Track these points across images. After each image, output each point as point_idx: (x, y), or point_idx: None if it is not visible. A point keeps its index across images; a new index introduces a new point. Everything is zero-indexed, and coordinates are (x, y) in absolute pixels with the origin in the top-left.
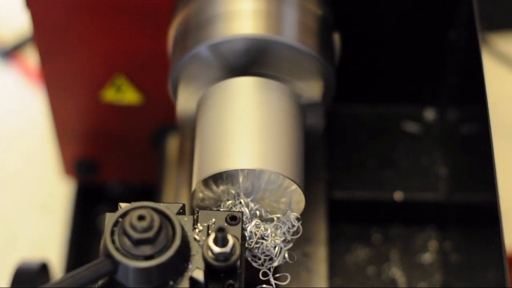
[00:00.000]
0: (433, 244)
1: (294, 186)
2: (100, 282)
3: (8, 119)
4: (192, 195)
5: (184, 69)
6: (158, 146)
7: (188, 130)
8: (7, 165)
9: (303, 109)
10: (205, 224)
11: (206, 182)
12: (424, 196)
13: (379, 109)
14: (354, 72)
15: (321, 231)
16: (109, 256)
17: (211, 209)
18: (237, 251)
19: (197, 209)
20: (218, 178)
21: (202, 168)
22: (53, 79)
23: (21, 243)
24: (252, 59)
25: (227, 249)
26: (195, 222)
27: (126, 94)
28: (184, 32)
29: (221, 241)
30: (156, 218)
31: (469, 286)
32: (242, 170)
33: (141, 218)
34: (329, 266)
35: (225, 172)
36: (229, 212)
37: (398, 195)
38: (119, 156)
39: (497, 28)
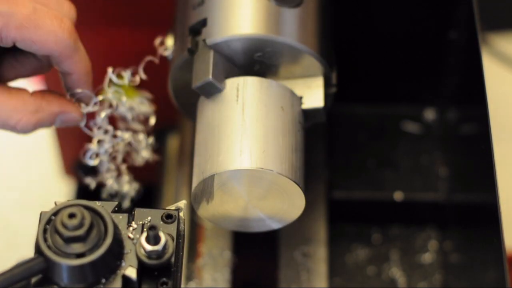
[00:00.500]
0: (433, 244)
1: (294, 186)
2: (33, 280)
3: None
4: (192, 195)
5: (184, 69)
6: (158, 146)
7: (188, 130)
8: (7, 165)
9: (303, 109)
10: (140, 222)
11: (206, 182)
12: (424, 196)
13: (379, 109)
14: (354, 72)
15: (321, 231)
16: (41, 254)
17: (148, 208)
18: (170, 249)
19: (135, 208)
20: (218, 179)
21: (202, 168)
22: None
23: (21, 242)
24: (252, 59)
25: (159, 247)
26: (131, 220)
27: (126, 94)
28: (184, 32)
29: (153, 239)
30: (87, 215)
31: (469, 286)
32: (242, 170)
33: (71, 216)
34: (329, 266)
35: (225, 172)
36: (165, 210)
37: (398, 195)
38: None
39: (497, 28)
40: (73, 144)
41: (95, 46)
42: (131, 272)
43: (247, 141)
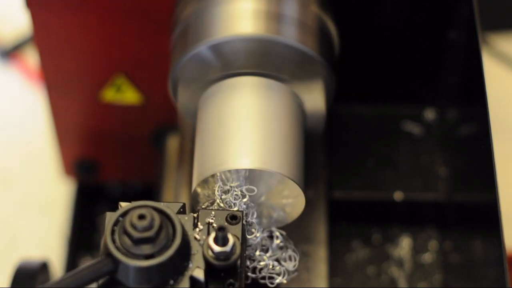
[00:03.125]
0: (433, 244)
1: (294, 186)
2: (100, 281)
3: (8, 119)
4: (192, 195)
5: (184, 69)
6: (158, 146)
7: (188, 130)
8: (7, 165)
9: (303, 108)
10: (206, 223)
11: (206, 182)
12: (424, 196)
13: (379, 109)
14: (354, 72)
15: (321, 231)
16: (109, 255)
17: (212, 209)
18: (237, 250)
19: (198, 208)
20: (218, 178)
21: (202, 168)
22: (53, 79)
23: (21, 243)
24: (252, 59)
25: (227, 248)
26: (196, 221)
27: (126, 94)
28: (184, 32)
29: (221, 240)
30: (157, 217)
31: (469, 286)
32: (242, 170)
33: (141, 217)
34: (329, 266)
35: (225, 172)
36: (229, 211)
37: (398, 195)
38: (119, 156)
39: (497, 28)
40: (73, 144)
41: (96, 46)
42: (199, 273)
43: (247, 141)
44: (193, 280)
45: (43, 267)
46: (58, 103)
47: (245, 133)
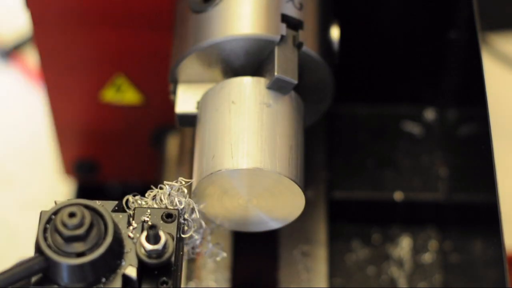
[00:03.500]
0: (433, 244)
1: (294, 186)
2: (33, 279)
3: (8, 119)
4: (192, 194)
5: (184, 69)
6: (158, 146)
7: (188, 130)
8: (7, 165)
9: (303, 108)
10: (141, 222)
11: (206, 181)
12: (424, 196)
13: (379, 109)
14: (354, 72)
15: (321, 231)
16: (41, 253)
17: (147, 207)
18: (170, 248)
19: (133, 207)
20: (218, 178)
21: (202, 168)
22: (53, 79)
23: (20, 242)
24: (252, 59)
25: (159, 246)
26: (131, 219)
27: (126, 94)
28: (184, 32)
29: (153, 238)
30: (87, 215)
31: (469, 286)
32: (242, 170)
33: (72, 215)
34: (329, 266)
35: (225, 172)
36: (165, 210)
37: (398, 195)
38: (119, 156)
39: (497, 28)
40: (73, 144)
41: (96, 47)
42: (131, 271)
43: (247, 141)
44: (125, 278)
45: None
46: (58, 103)
47: (245, 133)
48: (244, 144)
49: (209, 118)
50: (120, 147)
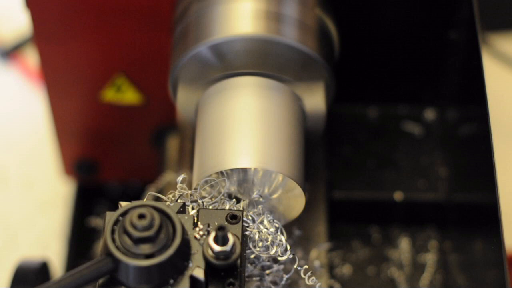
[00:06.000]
0: (433, 244)
1: (294, 186)
2: (100, 281)
3: (8, 119)
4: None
5: (184, 69)
6: (158, 146)
7: (188, 130)
8: (7, 165)
9: (303, 108)
10: (206, 223)
11: (206, 181)
12: (424, 196)
13: (379, 109)
14: (354, 72)
15: (321, 231)
16: (109, 254)
17: (212, 208)
18: (237, 249)
19: (197, 208)
20: (218, 177)
21: (202, 167)
22: (53, 79)
23: (21, 242)
24: (252, 59)
25: (227, 247)
26: (196, 220)
27: (126, 94)
28: (184, 32)
29: (221, 239)
30: (157, 216)
31: (469, 286)
32: (242, 169)
33: (141, 216)
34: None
35: (225, 171)
36: (229, 211)
37: (398, 195)
38: (119, 156)
39: (497, 28)
40: (73, 144)
41: (96, 47)
42: (199, 273)
43: (247, 141)
44: (193, 279)
45: (43, 267)
46: (58, 103)
47: (245, 133)
48: (244, 143)
49: (209, 117)
50: (120, 147)
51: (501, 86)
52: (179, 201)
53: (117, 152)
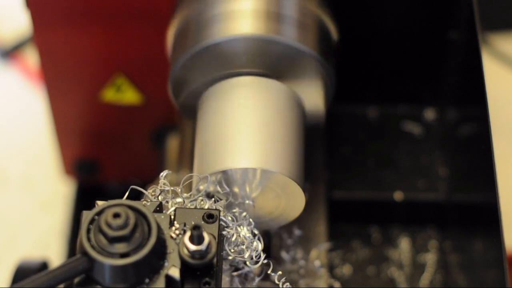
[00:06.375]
0: (433, 244)
1: (294, 186)
2: (76, 280)
3: (8, 119)
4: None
5: (184, 69)
6: (158, 146)
7: (188, 130)
8: (7, 165)
9: (303, 108)
10: (182, 222)
11: (206, 181)
12: (424, 196)
13: (379, 109)
14: (354, 72)
15: (321, 231)
16: (84, 253)
17: (189, 207)
18: (213, 249)
19: (175, 207)
20: (217, 177)
21: (202, 167)
22: (53, 79)
23: (21, 242)
24: (252, 59)
25: (202, 247)
26: (172, 220)
27: (126, 94)
28: (184, 32)
29: (196, 238)
30: (132, 215)
31: (469, 286)
32: (242, 169)
33: (116, 215)
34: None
35: (225, 171)
36: (206, 210)
37: (398, 195)
38: (119, 156)
39: (497, 28)
40: (73, 144)
41: (96, 47)
42: (174, 272)
43: (247, 141)
44: (168, 278)
45: (43, 267)
46: (58, 103)
47: (245, 133)
48: (243, 143)
49: (209, 117)
50: (120, 147)
51: (501, 86)
52: (159, 197)
53: (117, 152)
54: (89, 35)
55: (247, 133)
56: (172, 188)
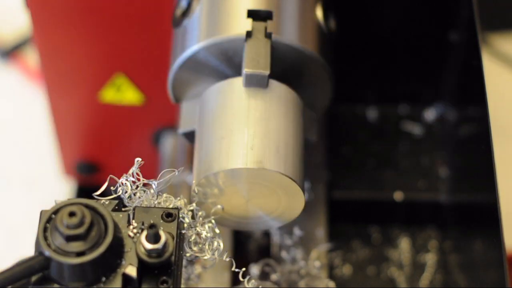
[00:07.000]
0: (433, 244)
1: (294, 186)
2: (34, 279)
3: (8, 119)
4: (191, 194)
5: (184, 69)
6: (158, 146)
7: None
8: (7, 165)
9: (302, 108)
10: (141, 221)
11: (206, 180)
12: (424, 196)
13: (379, 109)
14: (354, 72)
15: (321, 231)
16: (41, 252)
17: (148, 206)
18: (170, 247)
19: (134, 206)
20: (218, 177)
21: (202, 167)
22: (53, 79)
23: (22, 242)
24: (236, 59)
25: (159, 245)
26: (131, 219)
27: (126, 94)
28: (184, 32)
29: (152, 237)
30: (87, 214)
31: (469, 286)
32: (242, 169)
33: (72, 214)
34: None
35: (225, 171)
36: (165, 209)
37: (398, 195)
38: (119, 156)
39: (497, 28)
40: (73, 144)
41: (96, 47)
42: (131, 271)
43: (247, 141)
44: (125, 277)
45: None
46: (58, 103)
47: (245, 133)
48: (243, 143)
49: (208, 118)
50: (120, 147)
51: (501, 86)
52: (129, 189)
53: (117, 152)
54: (89, 35)
55: (247, 133)
56: (144, 180)
